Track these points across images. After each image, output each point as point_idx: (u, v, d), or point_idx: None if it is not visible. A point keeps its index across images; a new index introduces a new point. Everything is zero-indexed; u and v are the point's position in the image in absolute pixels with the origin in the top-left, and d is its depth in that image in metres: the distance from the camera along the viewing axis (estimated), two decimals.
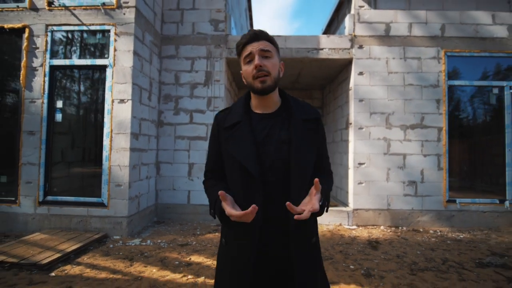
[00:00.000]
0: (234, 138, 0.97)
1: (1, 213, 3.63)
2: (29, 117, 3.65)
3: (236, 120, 0.99)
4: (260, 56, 0.92)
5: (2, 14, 3.76)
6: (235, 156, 0.95)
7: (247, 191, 0.93)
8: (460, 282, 2.43)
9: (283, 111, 1.02)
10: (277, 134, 0.97)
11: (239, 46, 0.98)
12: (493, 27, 4.37)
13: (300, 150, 0.94)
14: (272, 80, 0.93)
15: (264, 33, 0.97)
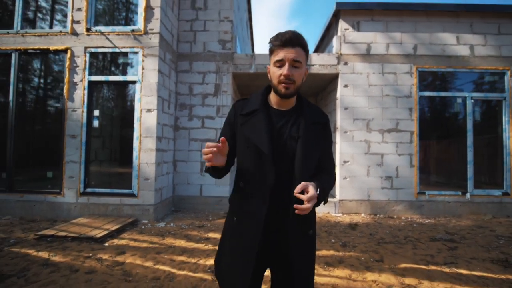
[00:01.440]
0: (251, 124, 1.06)
1: (48, 203, 4.42)
2: (71, 123, 4.43)
3: (254, 108, 1.08)
4: (290, 65, 0.98)
5: (47, 37, 4.54)
6: (250, 139, 1.03)
7: (260, 172, 1.02)
8: (412, 249, 3.24)
9: (297, 111, 1.10)
10: (288, 130, 1.06)
11: (273, 45, 1.02)
12: (457, 47, 5.19)
13: (306, 146, 1.02)
14: (295, 87, 1.02)
15: (300, 39, 1.00)
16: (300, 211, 0.91)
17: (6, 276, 2.36)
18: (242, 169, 1.09)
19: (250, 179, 1.06)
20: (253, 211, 1.03)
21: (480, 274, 2.57)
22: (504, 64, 5.16)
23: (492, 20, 5.21)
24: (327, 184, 1.08)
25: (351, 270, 2.63)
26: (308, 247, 1.09)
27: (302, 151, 1.02)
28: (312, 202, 0.92)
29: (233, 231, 1.10)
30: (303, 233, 1.06)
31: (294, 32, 1.00)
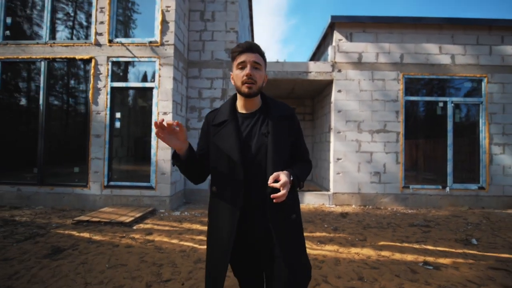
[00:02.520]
0: (222, 134, 1.15)
1: (76, 194, 5.00)
2: (96, 124, 5.00)
3: (223, 119, 1.17)
4: (252, 66, 1.10)
5: (73, 48, 5.10)
6: (221, 148, 1.12)
7: (231, 177, 1.11)
8: (392, 232, 3.86)
9: (263, 110, 1.20)
10: (258, 128, 1.15)
11: (234, 53, 1.14)
12: (439, 56, 5.78)
13: (276, 140, 1.11)
14: (257, 87, 1.12)
15: (258, 47, 1.14)
16: (277, 198, 1.00)
17: (62, 249, 2.95)
18: (215, 176, 1.18)
19: (222, 183, 1.15)
20: (227, 209, 1.11)
21: (443, 249, 3.18)
22: (481, 71, 5.76)
23: (471, 32, 5.80)
24: (301, 170, 1.17)
25: (339, 246, 3.24)
26: (293, 230, 1.16)
27: (273, 145, 1.10)
28: (286, 188, 1.01)
29: (210, 233, 1.20)
30: (286, 218, 1.13)
31: (252, 42, 1.14)
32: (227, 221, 1.11)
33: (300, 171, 1.16)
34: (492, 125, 5.71)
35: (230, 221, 1.10)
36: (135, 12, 5.24)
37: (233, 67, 1.17)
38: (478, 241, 3.51)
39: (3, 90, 5.26)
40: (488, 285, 2.32)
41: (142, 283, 2.25)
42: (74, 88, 5.28)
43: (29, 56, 5.13)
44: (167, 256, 2.83)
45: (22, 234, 3.42)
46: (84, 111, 5.13)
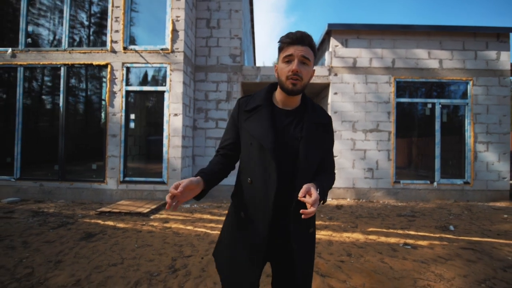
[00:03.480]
0: (254, 119, 1.07)
1: (94, 189, 5.47)
2: (112, 125, 5.46)
3: (257, 104, 1.09)
4: (299, 61, 0.99)
5: (91, 54, 5.54)
6: (253, 134, 1.04)
7: (264, 169, 1.03)
8: (381, 220, 4.33)
9: (301, 111, 1.11)
10: (292, 130, 1.06)
11: (283, 43, 1.03)
12: (428, 61, 6.24)
13: (308, 147, 1.04)
14: (302, 85, 1.03)
15: (310, 38, 1.02)
16: (306, 215, 0.91)
17: (94, 234, 3.42)
18: (247, 166, 1.10)
19: (255, 177, 1.06)
20: (260, 208, 1.04)
21: (423, 234, 3.66)
22: (467, 75, 6.21)
23: (458, 38, 6.25)
24: (327, 184, 1.09)
25: (332, 231, 3.72)
26: (309, 244, 1.13)
27: (305, 152, 1.02)
28: (316, 205, 0.92)
29: (240, 226, 1.11)
30: (305, 232, 1.10)
31: (305, 32, 1.01)
32: (260, 219, 1.03)
33: (326, 184, 1.08)
34: (476, 125, 6.18)
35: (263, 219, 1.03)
36: (148, 21, 5.68)
37: (279, 58, 1.06)
38: (455, 228, 3.99)
39: (25, 93, 5.71)
40: (455, 260, 2.80)
41: (168, 258, 2.73)
42: (92, 92, 5.73)
43: (49, 62, 5.57)
44: (185, 238, 3.31)
45: (54, 223, 3.89)
46: (101, 112, 5.59)
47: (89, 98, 5.78)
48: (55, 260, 2.64)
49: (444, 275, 2.45)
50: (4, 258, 2.68)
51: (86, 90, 5.79)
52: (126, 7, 5.52)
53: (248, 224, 1.08)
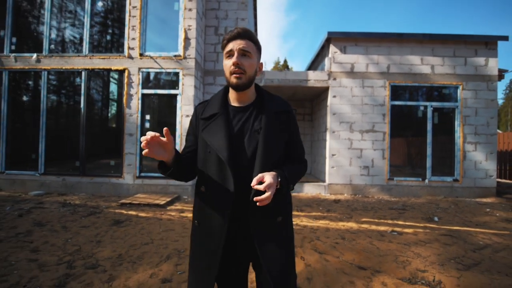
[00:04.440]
0: (211, 129, 1.06)
1: (112, 183, 5.97)
2: (129, 125, 5.95)
3: (213, 112, 1.08)
4: (239, 54, 1.00)
5: (109, 60, 6.03)
6: (210, 144, 1.04)
7: (220, 176, 1.03)
8: (373, 213, 4.82)
9: (258, 104, 1.11)
10: (251, 124, 1.07)
11: (223, 41, 1.05)
12: (421, 66, 6.70)
13: (267, 137, 1.03)
14: (247, 78, 1.02)
15: (248, 32, 1.03)
16: (261, 202, 0.92)
17: (121, 221, 3.92)
18: (204, 173, 1.09)
19: (211, 184, 1.05)
20: (215, 216, 1.03)
21: (410, 224, 4.15)
22: (457, 80, 6.68)
23: (449, 45, 6.71)
24: (293, 171, 1.08)
25: (330, 221, 4.22)
26: (278, 233, 1.08)
27: (263, 142, 1.02)
28: (271, 190, 0.92)
29: (195, 235, 1.12)
30: (270, 221, 1.06)
31: (243, 27, 1.03)
32: (216, 225, 1.03)
33: (291, 172, 1.07)
34: (466, 126, 6.65)
35: (219, 225, 1.02)
36: (162, 29, 6.16)
37: (223, 56, 1.07)
38: (440, 219, 4.48)
39: (49, 95, 6.20)
40: (433, 243, 3.29)
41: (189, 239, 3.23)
42: (110, 94, 6.23)
43: (71, 67, 6.07)
44: None
45: (84, 212, 4.39)
46: (119, 113, 6.08)
47: (107, 100, 6.28)
48: (95, 240, 3.14)
49: (421, 254, 2.94)
50: (52, 238, 3.18)
51: (105, 92, 6.29)
52: (142, 17, 6.00)
53: (202, 231, 1.08)
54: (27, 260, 2.59)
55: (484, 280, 2.32)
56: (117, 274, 2.35)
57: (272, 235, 1.06)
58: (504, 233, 3.78)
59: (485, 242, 3.38)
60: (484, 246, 3.23)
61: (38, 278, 2.26)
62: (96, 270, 2.44)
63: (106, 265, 2.52)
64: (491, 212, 5.04)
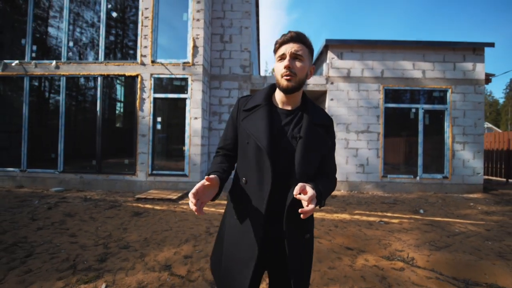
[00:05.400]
0: (251, 119, 1.07)
1: (126, 181, 6.48)
2: (141, 127, 6.46)
3: (257, 103, 1.09)
4: (291, 58, 1.01)
5: (123, 66, 6.53)
6: (250, 134, 1.03)
7: (259, 170, 1.02)
8: (366, 206, 5.31)
9: (301, 111, 1.10)
10: (291, 130, 1.05)
11: (275, 45, 1.06)
12: (413, 71, 7.17)
13: (306, 147, 1.02)
14: (297, 81, 1.02)
15: (301, 36, 1.03)
16: (305, 214, 0.89)
17: (140, 213, 4.43)
18: (243, 165, 1.10)
19: (250, 176, 1.06)
20: (255, 210, 1.03)
21: (397, 215, 4.63)
22: (447, 84, 7.14)
23: (439, 51, 7.17)
24: (325, 187, 1.06)
25: (325, 213, 4.71)
26: (304, 250, 1.09)
27: (302, 151, 1.01)
28: (313, 203, 0.90)
29: (233, 230, 1.11)
30: (300, 237, 1.06)
31: (297, 31, 1.03)
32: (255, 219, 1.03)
33: (324, 187, 1.05)
34: (454, 127, 7.12)
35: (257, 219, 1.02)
36: (172, 38, 6.65)
37: (275, 59, 1.07)
38: (425, 211, 4.96)
39: (67, 99, 6.72)
40: (414, 230, 3.78)
41: (203, 226, 3.73)
42: (124, 98, 6.73)
43: (88, 73, 6.57)
44: (211, 216, 4.31)
45: (105, 205, 4.90)
46: (132, 116, 6.59)
47: (121, 103, 6.79)
48: (122, 228, 3.65)
49: (402, 238, 3.43)
50: (84, 226, 3.69)
51: (119, 96, 6.80)
52: (154, 26, 6.50)
53: (242, 226, 1.07)
54: (69, 243, 3.10)
55: (449, 257, 2.81)
56: (147, 252, 2.86)
57: (300, 250, 1.07)
58: (480, 223, 4.27)
59: (460, 230, 3.87)
60: (458, 233, 3.71)
61: (82, 255, 2.77)
62: (128, 249, 2.94)
63: (136, 246, 3.03)
64: (473, 206, 5.52)
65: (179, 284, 2.25)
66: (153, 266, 2.56)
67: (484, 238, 3.53)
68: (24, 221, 3.84)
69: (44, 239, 3.18)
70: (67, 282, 2.24)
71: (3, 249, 2.84)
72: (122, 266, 2.54)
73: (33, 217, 4.03)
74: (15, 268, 2.45)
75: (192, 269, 2.53)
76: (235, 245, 1.09)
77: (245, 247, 1.04)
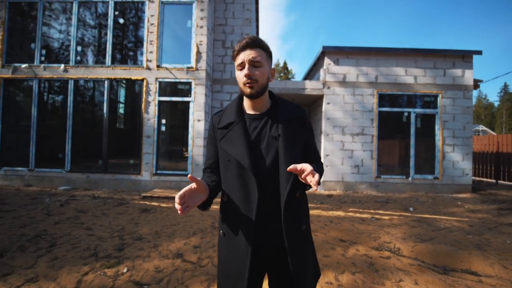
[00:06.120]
0: (229, 138, 1.10)
1: (132, 180, 6.76)
2: (147, 128, 6.75)
3: (230, 121, 1.12)
4: (250, 65, 1.04)
5: (130, 70, 6.83)
6: (230, 153, 1.07)
7: (242, 185, 1.06)
8: (360, 205, 5.64)
9: (273, 111, 1.14)
10: (268, 130, 1.10)
11: (233, 53, 1.09)
12: (405, 77, 7.53)
13: (287, 142, 1.06)
14: (259, 86, 1.06)
15: (258, 41, 1.06)
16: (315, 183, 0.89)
17: (148, 210, 4.72)
18: (226, 182, 1.12)
19: (233, 193, 1.08)
20: (241, 225, 1.06)
21: (388, 213, 4.96)
22: (437, 89, 7.51)
23: (430, 58, 7.55)
24: (317, 167, 1.09)
25: (322, 210, 5.03)
26: (302, 242, 1.12)
27: (285, 147, 1.05)
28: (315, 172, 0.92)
29: (222, 245, 1.15)
30: (297, 228, 1.09)
31: (252, 36, 1.07)
32: (243, 234, 1.06)
33: (316, 167, 1.06)
34: (445, 130, 7.48)
35: (246, 233, 1.05)
36: (176, 44, 6.97)
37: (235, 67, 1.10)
38: (414, 209, 5.30)
39: (75, 101, 6.99)
40: (403, 226, 4.11)
41: (208, 221, 4.03)
42: (130, 101, 7.03)
43: (95, 76, 6.86)
44: (215, 213, 4.62)
45: (113, 203, 5.18)
46: (138, 118, 6.88)
47: (127, 106, 7.08)
48: (133, 222, 3.94)
49: (390, 232, 3.76)
50: (98, 221, 3.98)
51: (125, 99, 7.09)
52: (159, 32, 6.81)
53: (230, 241, 1.11)
54: (87, 235, 3.39)
55: (431, 247, 3.14)
56: (159, 243, 3.16)
57: (297, 242, 1.10)
58: (464, 219, 4.61)
59: (445, 225, 4.21)
60: (443, 228, 4.05)
61: (101, 245, 3.06)
62: (142, 240, 3.24)
63: (149, 238, 3.33)
64: (461, 205, 5.86)
65: (191, 269, 2.55)
66: (167, 254, 2.86)
67: (466, 232, 3.87)
68: (40, 216, 4.12)
69: (63, 232, 3.46)
70: (92, 267, 2.54)
71: (28, 240, 3.12)
72: (139, 254, 2.84)
73: (48, 213, 4.31)
74: (43, 256, 2.74)
75: (201, 256, 2.83)
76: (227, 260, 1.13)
77: (236, 262, 1.07)
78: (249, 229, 1.04)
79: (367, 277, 2.46)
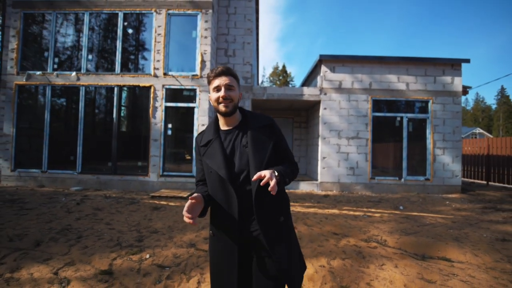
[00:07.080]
0: (209, 153, 1.31)
1: (139, 181, 7.16)
2: (154, 132, 7.16)
3: (209, 139, 1.34)
4: (226, 89, 1.26)
5: (138, 78, 7.26)
6: (211, 166, 1.28)
7: (223, 192, 1.26)
8: (354, 204, 6.05)
9: (243, 124, 1.35)
10: (239, 142, 1.30)
11: (209, 77, 1.30)
12: (398, 84, 7.99)
13: (254, 147, 1.26)
14: (233, 105, 1.28)
15: (229, 70, 1.29)
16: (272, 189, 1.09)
17: (158, 208, 5.12)
18: (211, 190, 1.32)
19: (218, 198, 1.28)
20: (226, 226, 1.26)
21: (379, 211, 5.38)
22: (428, 95, 7.96)
23: (421, 66, 8.00)
24: (285, 168, 1.28)
25: (318, 208, 5.44)
26: (281, 231, 1.28)
27: (252, 152, 1.24)
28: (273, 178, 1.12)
29: (213, 243, 1.36)
30: (273, 218, 1.27)
31: (225, 66, 1.30)
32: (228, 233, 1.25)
33: (283, 169, 1.26)
34: (435, 134, 7.92)
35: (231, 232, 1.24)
36: (181, 53, 7.41)
37: (209, 89, 1.30)
38: (404, 208, 5.72)
39: (86, 107, 7.41)
40: (391, 222, 4.52)
41: None
42: (138, 106, 7.45)
43: (105, 83, 7.28)
44: None
45: (125, 202, 5.58)
46: (146, 122, 7.30)
47: (135, 111, 7.50)
48: (147, 218, 4.35)
49: (379, 227, 4.17)
50: (115, 217, 4.38)
51: (133, 105, 7.51)
52: (166, 42, 7.25)
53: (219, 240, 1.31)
54: (108, 229, 3.79)
55: (414, 239, 3.56)
56: (173, 235, 3.57)
57: (276, 230, 1.26)
58: (449, 217, 5.03)
59: (430, 222, 4.63)
60: (427, 224, 4.47)
61: (123, 237, 3.47)
62: (158, 233, 3.65)
63: (163, 231, 3.74)
64: (449, 204, 6.29)
65: (204, 255, 2.96)
66: (181, 244, 3.27)
67: (448, 227, 4.29)
68: (61, 213, 4.51)
69: (85, 226, 3.87)
70: (118, 254, 2.94)
71: (57, 232, 3.52)
72: (157, 244, 3.24)
73: (67, 210, 4.71)
74: (74, 245, 3.15)
75: None
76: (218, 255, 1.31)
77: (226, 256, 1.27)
78: (233, 227, 1.23)
79: (355, 262, 2.88)
